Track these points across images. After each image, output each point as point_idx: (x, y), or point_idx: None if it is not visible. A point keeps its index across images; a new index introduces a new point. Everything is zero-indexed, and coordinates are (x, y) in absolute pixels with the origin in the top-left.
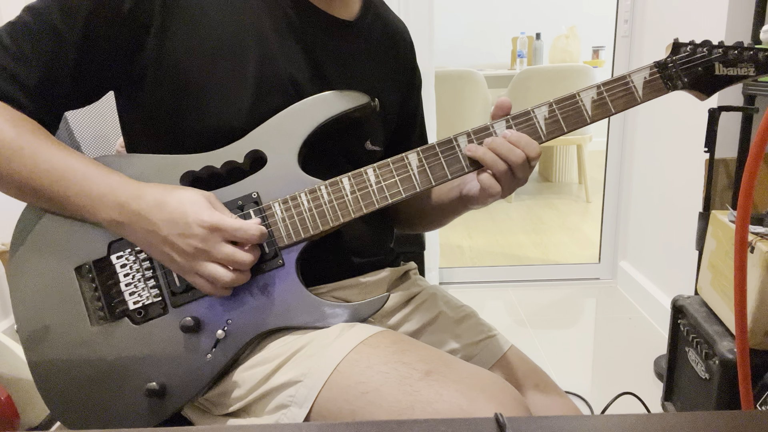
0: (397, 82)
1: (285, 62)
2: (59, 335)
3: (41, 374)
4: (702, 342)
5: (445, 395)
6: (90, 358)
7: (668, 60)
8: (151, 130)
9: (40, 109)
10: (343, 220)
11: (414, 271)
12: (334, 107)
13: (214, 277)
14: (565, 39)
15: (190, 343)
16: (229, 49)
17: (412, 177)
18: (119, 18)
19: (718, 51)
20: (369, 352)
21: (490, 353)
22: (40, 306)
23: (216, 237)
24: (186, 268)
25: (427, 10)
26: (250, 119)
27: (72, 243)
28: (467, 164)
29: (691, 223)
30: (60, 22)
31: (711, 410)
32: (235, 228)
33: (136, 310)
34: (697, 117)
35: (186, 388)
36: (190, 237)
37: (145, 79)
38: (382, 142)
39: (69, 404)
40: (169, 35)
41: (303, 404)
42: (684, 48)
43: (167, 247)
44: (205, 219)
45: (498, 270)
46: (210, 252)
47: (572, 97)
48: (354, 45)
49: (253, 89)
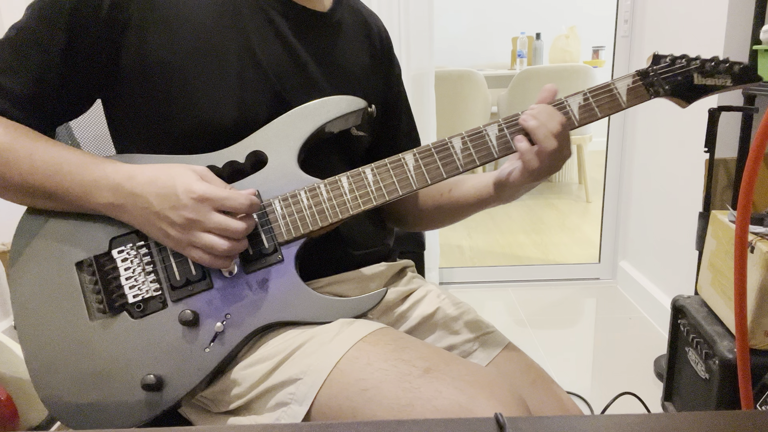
0: (376, 70)
1: (265, 56)
2: (57, 330)
3: (38, 369)
4: (702, 342)
5: (444, 392)
6: (88, 352)
7: (649, 69)
8: (141, 133)
9: (33, 120)
10: (342, 216)
11: (412, 269)
12: (333, 111)
13: (211, 246)
14: (565, 39)
15: (189, 337)
16: (209, 45)
17: (409, 177)
18: (99, 21)
19: (696, 62)
20: (369, 349)
21: (489, 349)
22: (38, 301)
23: (206, 206)
24: (182, 241)
25: (427, 10)
26: (236, 113)
27: (73, 240)
28: (461, 164)
29: (691, 223)
30: (42, 33)
31: (711, 410)
32: (223, 197)
33: (135, 304)
34: (697, 117)
35: (183, 381)
36: (181, 208)
37: (129, 80)
38: (368, 128)
39: (65, 398)
40: (149, 33)
41: (303, 402)
42: (664, 59)
43: (161, 221)
44: (194, 189)
45: (498, 270)
46: (202, 222)
47: (559, 102)
48: (330, 36)
49: (237, 84)
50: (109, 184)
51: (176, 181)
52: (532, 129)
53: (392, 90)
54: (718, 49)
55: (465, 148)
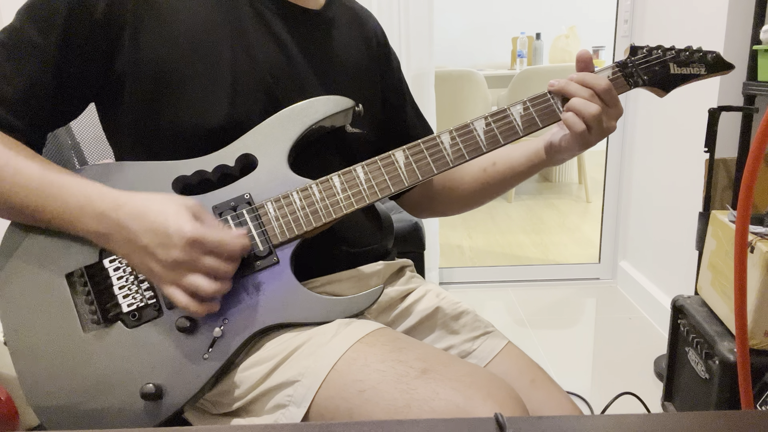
0: (372, 65)
1: (259, 55)
2: (50, 344)
3: (32, 384)
4: (702, 342)
5: (441, 393)
6: (83, 364)
7: (627, 61)
8: (135, 135)
9: (24, 126)
10: (336, 216)
11: (410, 268)
12: (320, 112)
13: (196, 288)
14: (565, 39)
15: (187, 344)
16: (202, 46)
17: (400, 173)
18: (94, 23)
19: (671, 52)
20: (366, 350)
21: (488, 349)
22: (29, 316)
23: (197, 250)
24: (165, 279)
25: (427, 10)
26: (228, 115)
27: (62, 251)
28: (451, 159)
29: (691, 223)
30: (37, 37)
31: (711, 410)
32: (216, 241)
33: (129, 313)
34: (697, 117)
35: (183, 389)
36: (171, 248)
37: (124, 82)
38: (367, 125)
39: (61, 414)
40: (143, 34)
41: (301, 404)
42: (641, 50)
43: (147, 256)
44: (185, 230)
45: (498, 270)
46: (191, 264)
47: (543, 95)
48: (324, 33)
49: (230, 85)
50: (94, 211)
51: (168, 219)
52: (573, 91)
53: (392, 83)
54: (718, 49)
55: (454, 143)
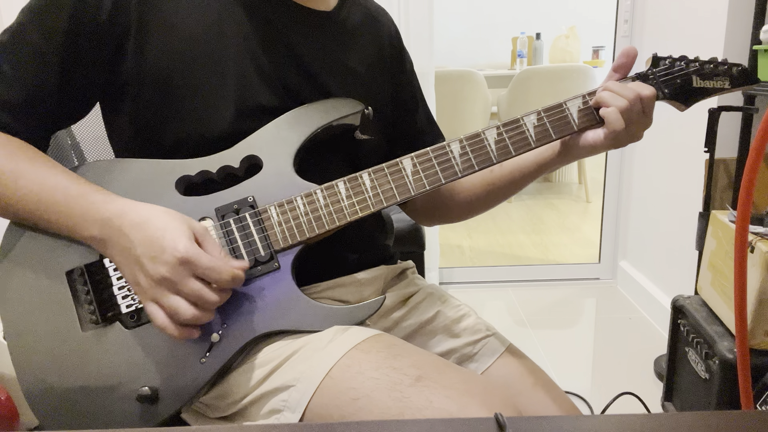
0: (384, 67)
1: (267, 63)
2: (49, 342)
3: (30, 382)
4: (702, 342)
5: (435, 402)
6: (80, 364)
7: (649, 72)
8: (138, 138)
9: (27, 129)
10: (339, 223)
11: (412, 270)
12: (329, 115)
13: (175, 310)
14: (565, 39)
15: (184, 347)
16: (208, 55)
17: (407, 182)
18: (98, 29)
19: (695, 65)
20: (361, 357)
21: (489, 352)
22: (29, 313)
23: (185, 270)
24: (148, 294)
25: (427, 10)
26: (234, 119)
27: (63, 248)
28: (460, 169)
29: (691, 223)
30: (40, 41)
31: (711, 410)
32: (206, 266)
33: (128, 314)
34: (697, 117)
35: (179, 393)
36: (160, 263)
37: (128, 87)
38: (374, 130)
39: (58, 412)
40: (148, 39)
41: (295, 409)
42: (663, 61)
43: (136, 267)
44: (179, 248)
45: (498, 270)
46: (176, 284)
47: (559, 106)
48: (334, 35)
49: (235, 89)
50: (97, 218)
51: (166, 234)
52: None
53: (404, 86)
54: (718, 49)
55: (464, 153)
